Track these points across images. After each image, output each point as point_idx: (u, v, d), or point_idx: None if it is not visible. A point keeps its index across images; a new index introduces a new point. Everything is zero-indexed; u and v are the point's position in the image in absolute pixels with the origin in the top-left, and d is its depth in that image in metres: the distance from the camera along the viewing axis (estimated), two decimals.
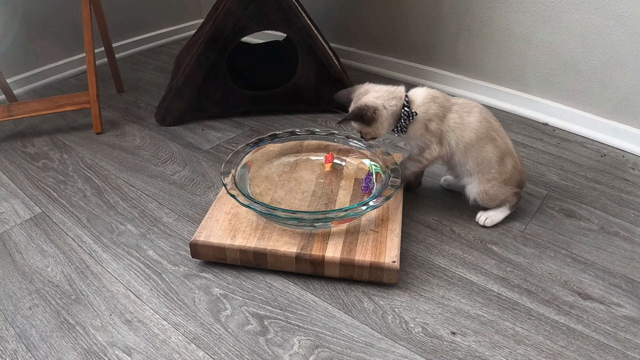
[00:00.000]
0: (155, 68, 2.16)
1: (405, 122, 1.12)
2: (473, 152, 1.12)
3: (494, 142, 1.13)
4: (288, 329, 0.94)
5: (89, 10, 1.59)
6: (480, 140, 1.12)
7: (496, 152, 1.13)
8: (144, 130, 1.65)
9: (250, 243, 1.05)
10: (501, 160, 1.13)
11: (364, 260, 1.00)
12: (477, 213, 1.20)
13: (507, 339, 0.92)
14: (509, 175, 1.15)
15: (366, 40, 2.05)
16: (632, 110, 1.49)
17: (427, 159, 1.15)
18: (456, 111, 1.13)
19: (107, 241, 1.17)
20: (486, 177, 1.14)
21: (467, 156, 1.13)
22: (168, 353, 0.90)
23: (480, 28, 1.72)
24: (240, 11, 1.52)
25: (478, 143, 1.12)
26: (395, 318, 0.96)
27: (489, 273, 1.07)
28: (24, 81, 1.94)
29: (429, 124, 1.11)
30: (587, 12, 1.48)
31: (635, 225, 1.21)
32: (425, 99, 1.12)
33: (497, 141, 1.13)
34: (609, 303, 1.00)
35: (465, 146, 1.12)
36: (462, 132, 1.12)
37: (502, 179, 1.14)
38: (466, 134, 1.12)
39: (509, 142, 1.16)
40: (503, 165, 1.14)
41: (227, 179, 1.12)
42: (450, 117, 1.12)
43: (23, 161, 1.49)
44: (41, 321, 0.96)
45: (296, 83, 1.65)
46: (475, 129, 1.11)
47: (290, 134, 1.31)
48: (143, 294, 1.03)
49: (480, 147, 1.12)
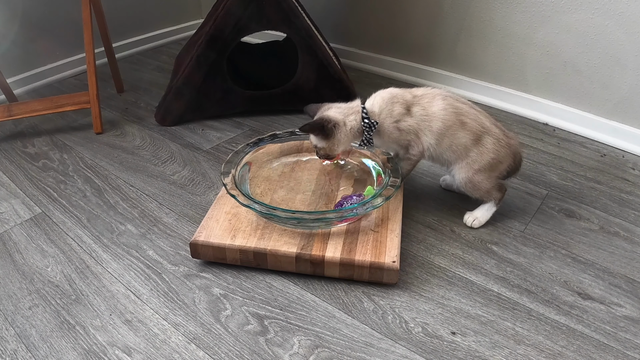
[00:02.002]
0: (155, 68, 2.16)
1: (369, 134, 1.11)
2: (446, 141, 1.10)
3: (465, 126, 1.10)
4: (288, 329, 0.94)
5: (89, 10, 1.59)
6: (449, 128, 1.09)
7: (469, 135, 1.10)
8: (144, 130, 1.65)
9: (250, 243, 1.05)
10: (477, 142, 1.10)
11: (364, 260, 1.00)
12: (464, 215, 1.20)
13: (507, 339, 0.92)
14: (493, 154, 1.11)
15: (366, 40, 2.05)
16: (632, 110, 1.49)
17: (415, 155, 1.14)
18: (418, 103, 1.11)
19: (107, 241, 1.17)
20: (467, 162, 1.12)
21: (441, 146, 1.11)
22: (168, 353, 0.90)
23: (480, 28, 1.72)
24: (240, 11, 1.52)
25: (448, 131, 1.09)
26: (395, 318, 0.96)
27: (489, 273, 1.07)
28: (24, 81, 1.94)
29: (399, 125, 1.10)
30: (587, 12, 1.48)
31: (635, 225, 1.21)
32: (384, 103, 1.11)
33: (467, 124, 1.10)
34: (609, 303, 1.00)
35: (436, 137, 1.10)
36: (429, 124, 1.10)
37: (485, 161, 1.11)
38: (434, 124, 1.10)
39: (484, 120, 1.11)
40: (481, 146, 1.10)
41: (227, 179, 1.12)
42: (414, 111, 1.10)
43: (23, 161, 1.49)
44: (41, 321, 0.96)
45: (296, 83, 1.65)
46: (442, 118, 1.09)
47: (290, 134, 1.31)
48: (143, 294, 1.03)
49: (452, 135, 1.10)
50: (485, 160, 1.11)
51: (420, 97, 1.12)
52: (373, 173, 1.23)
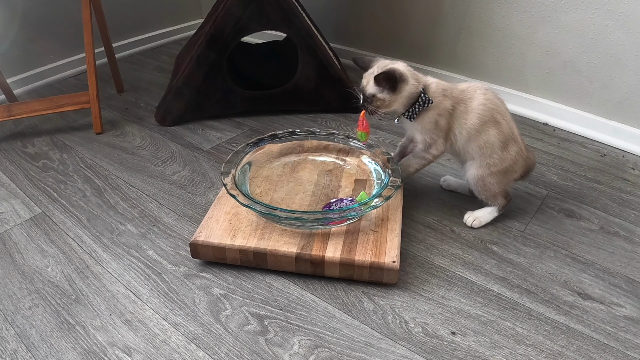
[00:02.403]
0: (155, 68, 2.16)
1: (418, 108, 1.09)
2: (477, 137, 1.10)
3: (499, 126, 1.10)
4: (288, 329, 0.94)
5: (89, 10, 1.59)
6: (484, 124, 1.09)
7: (500, 137, 1.10)
8: (144, 130, 1.65)
9: (250, 243, 1.05)
10: (504, 146, 1.11)
11: (364, 260, 1.00)
12: (465, 214, 1.20)
13: (507, 339, 0.92)
14: (512, 162, 1.12)
15: (366, 40, 2.05)
16: (632, 110, 1.49)
17: (433, 155, 1.14)
18: (462, 100, 1.10)
19: (107, 241, 1.17)
20: (487, 162, 1.12)
21: (470, 142, 1.11)
22: (168, 353, 0.90)
23: (480, 28, 1.72)
24: (240, 11, 1.52)
25: (482, 127, 1.09)
26: (395, 318, 0.96)
27: (489, 273, 1.07)
28: (24, 81, 1.94)
29: (439, 120, 1.09)
30: (587, 12, 1.48)
31: (635, 225, 1.21)
32: (439, 90, 1.10)
33: (501, 125, 1.10)
34: (609, 303, 1.00)
35: (468, 132, 1.10)
36: (465, 119, 1.10)
37: (503, 166, 1.12)
38: (470, 119, 1.09)
39: (514, 127, 1.13)
40: (506, 152, 1.11)
41: (227, 179, 1.12)
42: (457, 109, 1.10)
43: (23, 161, 1.49)
44: (41, 321, 0.96)
45: (296, 83, 1.65)
46: (479, 113, 1.09)
47: (290, 134, 1.31)
48: (143, 294, 1.03)
49: (484, 131, 1.10)
50: (503, 166, 1.12)
51: (463, 93, 1.11)
52: (373, 174, 1.23)
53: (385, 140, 1.57)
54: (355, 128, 1.22)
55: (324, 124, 1.67)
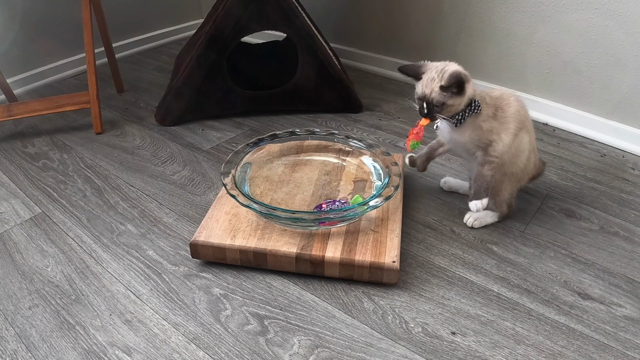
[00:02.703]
0: (155, 68, 2.16)
1: (467, 113, 1.06)
2: (514, 143, 1.10)
3: (529, 134, 1.12)
4: (288, 329, 0.94)
5: (89, 10, 1.59)
6: (520, 130, 1.10)
7: (529, 145, 1.12)
8: (144, 130, 1.65)
9: (250, 243, 1.05)
10: (529, 154, 1.13)
11: (364, 260, 1.00)
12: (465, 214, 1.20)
13: (507, 339, 0.92)
14: (525, 170, 1.15)
15: (366, 40, 2.05)
16: (632, 110, 1.49)
17: (496, 154, 1.09)
18: (500, 107, 1.09)
19: (107, 241, 1.17)
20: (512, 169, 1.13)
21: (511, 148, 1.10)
22: (168, 353, 0.90)
23: (480, 28, 1.72)
24: (240, 11, 1.52)
25: (519, 132, 1.10)
26: (395, 318, 0.96)
27: (489, 273, 1.07)
28: (24, 81, 1.94)
29: (483, 124, 1.08)
30: (587, 12, 1.48)
31: (635, 225, 1.21)
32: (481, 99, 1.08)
33: (530, 133, 1.12)
34: (609, 303, 1.00)
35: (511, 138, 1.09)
36: (508, 125, 1.09)
37: (520, 174, 1.14)
38: (511, 125, 1.08)
39: (534, 137, 1.15)
40: (528, 160, 1.13)
41: (227, 179, 1.12)
42: (498, 115, 1.08)
43: (23, 161, 1.49)
44: (41, 321, 0.96)
45: (296, 83, 1.65)
46: (517, 118, 1.09)
47: (290, 134, 1.31)
48: (143, 294, 1.03)
49: (519, 137, 1.10)
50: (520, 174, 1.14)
51: (499, 99, 1.10)
52: (373, 174, 1.23)
53: (386, 140, 1.57)
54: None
55: (324, 124, 1.67)
